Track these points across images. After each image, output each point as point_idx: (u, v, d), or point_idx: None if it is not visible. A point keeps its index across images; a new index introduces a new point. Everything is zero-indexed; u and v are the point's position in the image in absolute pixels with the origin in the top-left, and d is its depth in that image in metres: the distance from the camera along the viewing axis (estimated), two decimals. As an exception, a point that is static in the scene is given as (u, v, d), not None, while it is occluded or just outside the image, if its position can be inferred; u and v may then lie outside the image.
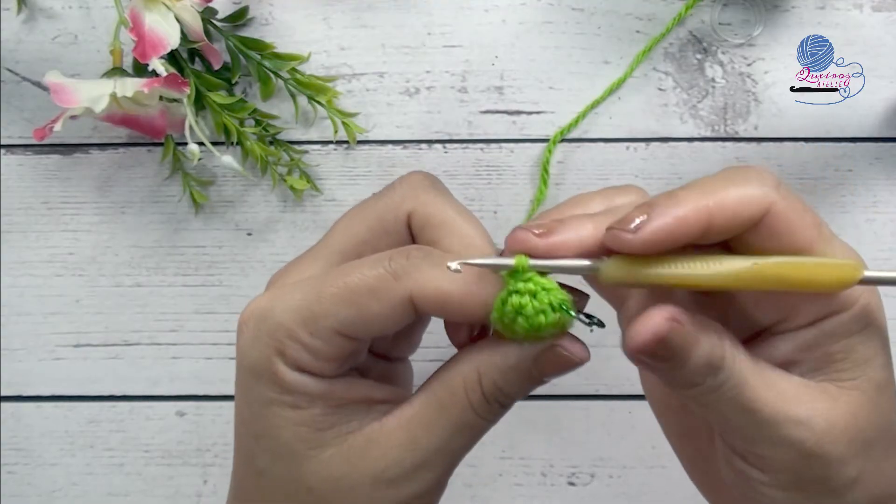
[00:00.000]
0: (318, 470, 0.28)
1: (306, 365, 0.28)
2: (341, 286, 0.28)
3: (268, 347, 0.29)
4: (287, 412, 0.29)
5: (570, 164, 0.47)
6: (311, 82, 0.46)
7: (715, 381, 0.27)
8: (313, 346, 0.28)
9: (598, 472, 0.46)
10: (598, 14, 0.48)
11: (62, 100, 0.40)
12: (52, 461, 0.47)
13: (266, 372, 0.29)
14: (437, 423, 0.28)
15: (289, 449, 0.29)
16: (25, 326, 0.47)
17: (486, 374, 0.28)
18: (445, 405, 0.28)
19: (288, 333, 0.28)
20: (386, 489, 0.28)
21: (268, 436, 0.29)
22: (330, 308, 0.28)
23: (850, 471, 0.27)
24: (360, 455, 0.28)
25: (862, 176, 0.47)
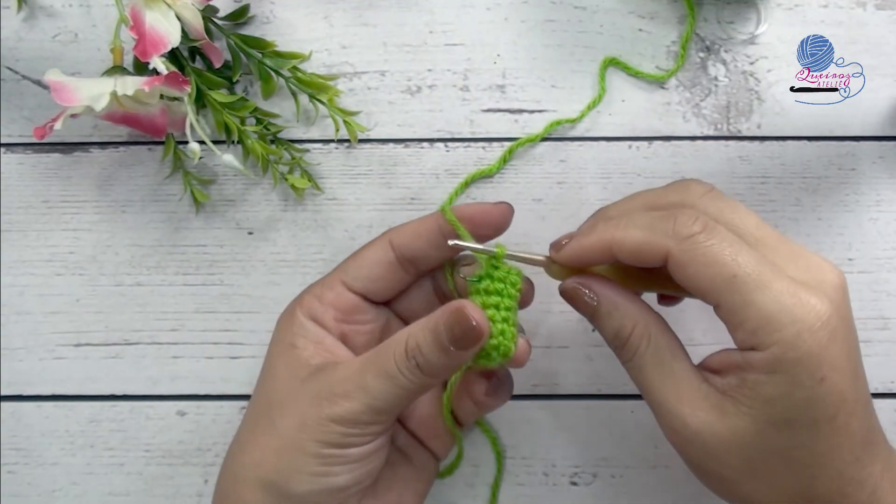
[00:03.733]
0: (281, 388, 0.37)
1: (315, 312, 0.38)
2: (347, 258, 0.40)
3: (294, 303, 0.40)
4: (286, 348, 0.38)
5: (572, 163, 0.47)
6: (312, 81, 0.46)
7: (623, 354, 0.35)
8: (320, 293, 0.39)
9: (601, 471, 0.46)
10: (600, 12, 0.48)
11: (62, 98, 0.40)
12: (52, 461, 0.47)
13: (287, 317, 0.39)
14: (366, 368, 0.35)
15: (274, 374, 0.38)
16: (25, 326, 0.47)
17: (411, 335, 0.35)
18: (378, 355, 0.35)
19: (309, 290, 0.40)
20: (315, 406, 0.35)
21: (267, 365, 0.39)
22: (338, 266, 0.40)
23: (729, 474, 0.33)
24: (312, 381, 0.36)
25: (865, 175, 0.47)
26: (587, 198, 0.47)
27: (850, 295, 0.45)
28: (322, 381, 0.35)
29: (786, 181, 0.47)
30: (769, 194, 0.47)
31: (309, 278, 0.47)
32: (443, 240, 0.38)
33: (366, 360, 0.35)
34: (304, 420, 0.35)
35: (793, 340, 0.30)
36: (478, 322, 0.34)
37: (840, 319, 0.31)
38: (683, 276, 0.32)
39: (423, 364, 0.34)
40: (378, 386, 0.34)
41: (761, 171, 0.47)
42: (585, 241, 0.35)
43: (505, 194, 0.47)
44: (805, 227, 0.46)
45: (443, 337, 0.34)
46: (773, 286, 0.31)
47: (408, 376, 0.34)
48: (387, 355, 0.35)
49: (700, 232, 0.32)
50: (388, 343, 0.35)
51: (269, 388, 0.38)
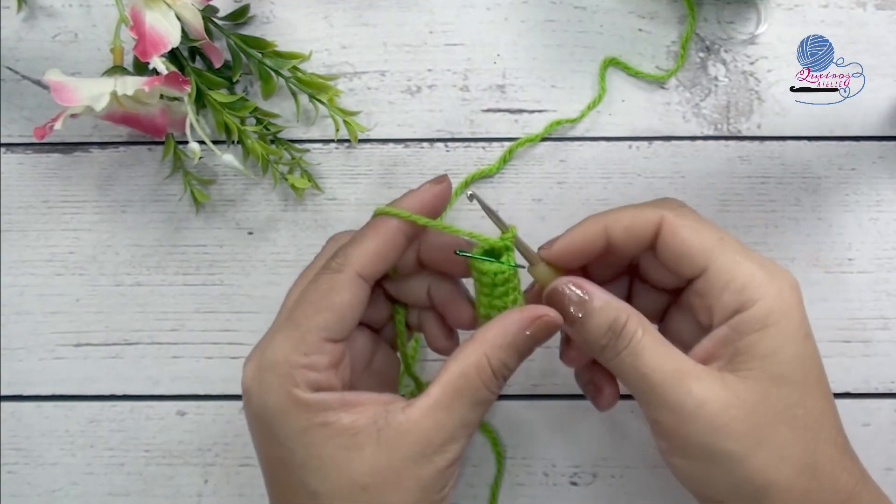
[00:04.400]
0: (364, 468, 0.33)
1: (316, 382, 0.33)
2: (306, 303, 0.34)
3: (280, 387, 0.33)
4: (322, 431, 0.33)
5: (572, 163, 0.47)
6: (312, 81, 0.46)
7: (617, 345, 0.34)
8: (313, 363, 0.33)
9: (601, 471, 0.46)
10: (600, 12, 0.48)
11: (62, 98, 0.40)
12: (52, 461, 0.47)
13: (290, 406, 0.33)
14: (456, 405, 0.33)
15: (334, 460, 0.33)
16: (26, 326, 0.47)
17: (492, 356, 0.34)
18: (461, 388, 0.33)
19: (289, 364, 0.33)
20: (426, 465, 0.33)
21: (312, 457, 0.33)
22: (308, 324, 0.34)
23: (737, 448, 0.32)
24: (397, 444, 0.33)
25: (865, 175, 0.47)
26: (587, 198, 0.47)
27: (850, 295, 0.46)
28: (411, 440, 0.33)
29: (786, 181, 0.47)
30: (769, 194, 0.47)
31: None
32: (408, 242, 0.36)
33: (449, 398, 0.33)
34: (421, 484, 0.33)
35: (778, 294, 0.33)
36: (557, 321, 0.35)
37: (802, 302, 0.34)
38: (674, 240, 0.34)
39: (508, 375, 0.35)
40: (476, 415, 0.34)
41: (761, 171, 0.47)
42: (577, 232, 0.36)
43: (505, 194, 0.47)
44: (805, 227, 0.46)
45: (527, 348, 0.34)
46: (751, 255, 0.34)
47: (497, 392, 0.35)
48: (475, 385, 0.33)
49: (677, 210, 0.35)
50: (464, 374, 0.33)
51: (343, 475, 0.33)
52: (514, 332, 0.34)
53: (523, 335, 0.34)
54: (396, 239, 0.36)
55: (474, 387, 0.33)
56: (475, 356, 0.34)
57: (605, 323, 0.35)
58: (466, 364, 0.34)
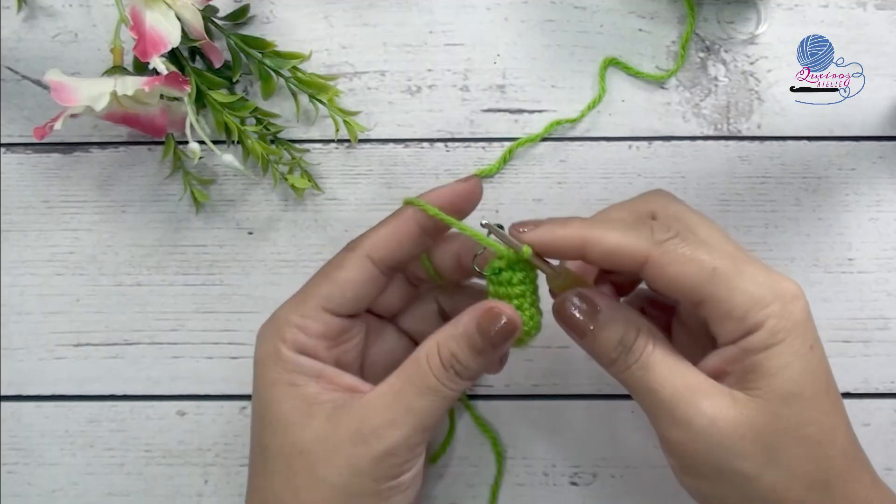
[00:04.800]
0: (308, 435, 0.34)
1: (302, 345, 0.35)
2: (317, 274, 0.37)
3: (271, 339, 0.36)
4: (287, 389, 0.35)
5: (572, 163, 0.47)
6: (312, 81, 0.46)
7: (627, 359, 0.34)
8: (304, 325, 0.35)
9: (601, 471, 0.46)
10: (600, 12, 0.48)
11: (62, 98, 0.40)
12: (52, 461, 0.47)
13: (271, 358, 0.35)
14: (404, 390, 0.34)
15: (285, 420, 0.34)
16: (26, 326, 0.47)
17: (442, 345, 0.34)
18: (411, 374, 0.34)
19: (286, 321, 0.36)
20: (361, 445, 0.33)
21: (270, 411, 0.35)
22: (312, 290, 0.36)
23: (748, 467, 0.32)
24: (341, 420, 0.34)
25: (865, 175, 0.47)
26: (587, 198, 0.47)
27: (850, 295, 0.46)
28: (356, 418, 0.34)
29: (786, 181, 0.47)
30: (769, 194, 0.47)
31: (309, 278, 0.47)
32: (422, 235, 0.36)
33: (400, 383, 0.34)
34: (353, 463, 0.33)
35: (781, 312, 0.32)
36: (509, 317, 0.34)
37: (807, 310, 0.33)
38: (664, 277, 0.33)
39: (461, 371, 0.34)
40: (423, 404, 0.34)
41: (761, 171, 0.47)
42: (560, 231, 0.34)
43: (505, 194, 0.47)
44: (805, 227, 0.46)
45: (477, 340, 0.34)
46: (748, 271, 0.33)
47: (449, 386, 0.34)
48: (423, 371, 0.34)
49: (675, 236, 0.33)
50: (416, 359, 0.34)
51: (289, 435, 0.34)
52: (464, 322, 0.34)
53: (473, 327, 0.34)
54: (410, 227, 0.36)
55: (422, 373, 0.34)
56: (428, 345, 0.34)
57: (614, 337, 0.34)
58: (419, 351, 0.34)
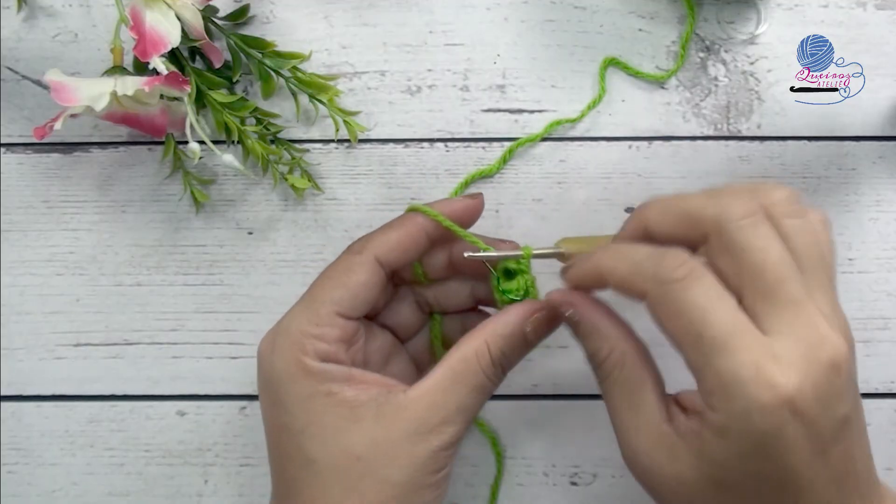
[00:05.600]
0: (361, 439, 0.34)
1: (325, 353, 0.35)
2: (323, 279, 0.36)
3: (291, 353, 0.35)
4: (325, 399, 0.34)
5: (572, 163, 0.47)
6: (312, 81, 0.46)
7: (596, 375, 0.35)
8: (323, 334, 0.35)
9: (601, 471, 0.46)
10: (600, 12, 0.48)
11: (62, 98, 0.40)
12: (52, 461, 0.47)
13: (297, 372, 0.35)
14: (454, 388, 0.34)
15: (333, 428, 0.34)
16: (25, 326, 0.47)
17: (492, 343, 0.35)
18: (460, 372, 0.35)
19: (302, 334, 0.35)
20: (421, 443, 0.34)
21: (313, 424, 0.34)
22: (323, 297, 0.36)
23: None
24: (394, 420, 0.34)
25: (865, 175, 0.47)
26: (587, 198, 0.47)
27: (850, 295, 0.46)
28: (409, 417, 0.34)
29: (786, 181, 0.47)
30: (769, 194, 0.47)
31: (309, 278, 0.46)
32: (428, 244, 0.38)
33: (449, 381, 0.35)
34: (413, 461, 0.34)
35: (741, 414, 0.29)
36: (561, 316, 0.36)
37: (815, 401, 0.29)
38: (655, 319, 0.32)
39: (507, 366, 0.36)
40: (475, 401, 0.35)
41: (761, 171, 0.47)
42: (584, 266, 0.35)
43: (505, 194, 0.47)
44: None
45: (530, 339, 0.36)
46: (737, 355, 0.29)
47: (496, 382, 0.36)
48: (473, 370, 0.35)
49: (680, 279, 0.30)
50: (465, 358, 0.35)
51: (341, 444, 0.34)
52: (515, 321, 0.35)
53: (523, 326, 0.36)
54: (418, 234, 0.37)
55: (473, 371, 0.35)
56: (476, 342, 0.35)
57: (588, 349, 0.35)
58: (468, 349, 0.35)
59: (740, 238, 0.31)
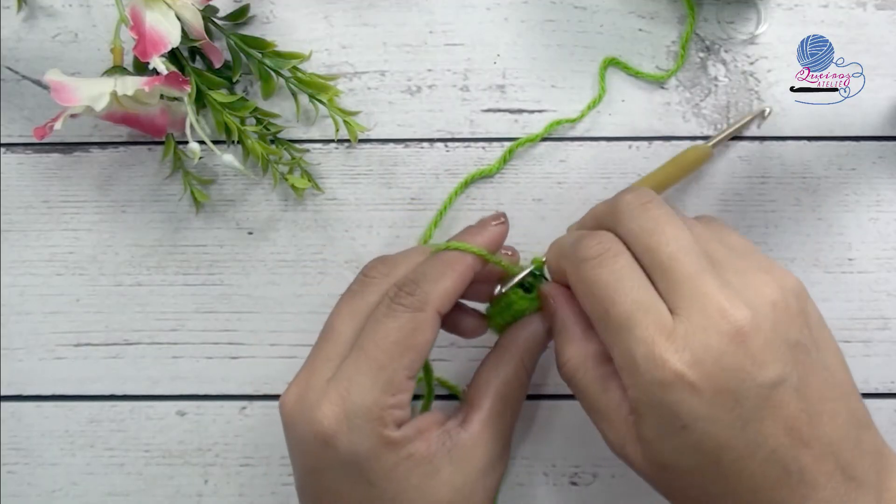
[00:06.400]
0: (443, 487, 0.34)
1: (402, 419, 0.34)
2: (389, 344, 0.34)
3: (372, 431, 0.33)
4: (407, 464, 0.34)
5: (571, 163, 0.47)
6: (312, 81, 0.46)
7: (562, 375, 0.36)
8: (400, 402, 0.34)
9: (601, 471, 0.46)
10: (600, 12, 0.48)
11: (62, 98, 0.40)
12: (52, 461, 0.47)
13: (381, 447, 0.34)
14: (506, 413, 0.36)
15: (421, 489, 0.34)
16: (25, 326, 0.47)
17: (528, 361, 0.37)
18: (507, 396, 0.36)
19: (380, 407, 0.33)
20: (492, 474, 0.36)
21: (402, 490, 0.34)
22: (395, 364, 0.34)
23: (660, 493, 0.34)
24: (467, 460, 0.35)
25: (865, 175, 0.47)
26: (587, 198, 0.47)
27: (850, 295, 0.46)
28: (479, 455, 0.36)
29: (786, 181, 0.47)
30: (769, 194, 0.47)
31: (309, 278, 0.47)
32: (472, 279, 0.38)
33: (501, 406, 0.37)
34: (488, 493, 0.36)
35: (646, 391, 0.30)
36: None
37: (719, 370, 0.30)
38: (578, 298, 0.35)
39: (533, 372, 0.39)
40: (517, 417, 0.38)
41: (761, 171, 0.47)
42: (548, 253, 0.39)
43: (505, 194, 0.47)
44: (805, 227, 0.46)
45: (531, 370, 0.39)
46: (635, 332, 0.31)
47: None
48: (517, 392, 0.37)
49: (593, 258, 0.33)
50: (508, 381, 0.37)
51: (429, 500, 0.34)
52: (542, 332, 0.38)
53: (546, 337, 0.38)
54: (469, 276, 0.37)
55: (517, 394, 0.37)
56: (513, 363, 0.37)
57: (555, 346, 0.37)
58: (507, 372, 0.37)
59: (632, 226, 0.33)
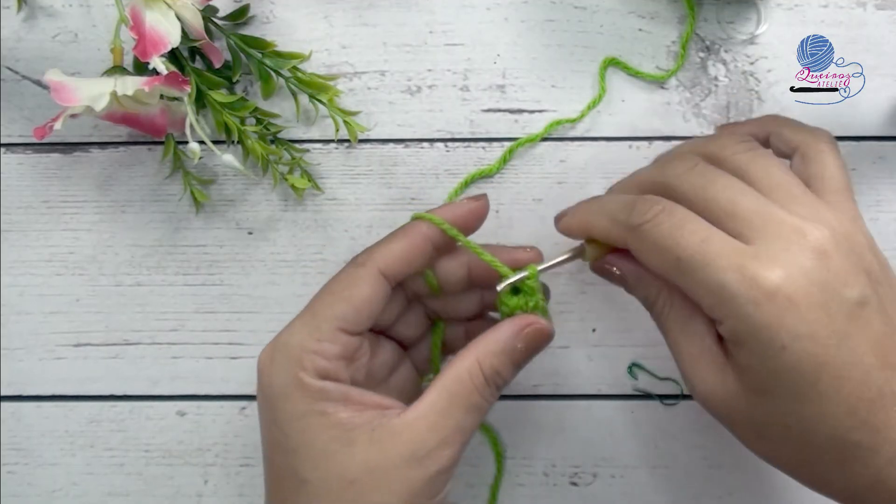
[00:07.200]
0: (354, 463, 0.33)
1: (324, 370, 0.34)
2: (325, 292, 0.35)
3: (289, 368, 0.34)
4: (319, 419, 0.33)
5: (571, 163, 0.47)
6: (312, 81, 0.46)
7: (652, 315, 0.36)
8: (324, 350, 0.34)
9: (601, 472, 0.46)
10: (600, 12, 0.48)
11: (62, 98, 0.40)
12: (52, 461, 0.47)
13: (293, 389, 0.34)
14: (450, 409, 0.34)
15: (326, 451, 0.33)
16: (25, 326, 0.47)
17: (483, 361, 0.34)
18: (456, 392, 0.34)
19: (301, 349, 0.34)
20: (416, 468, 0.33)
21: (305, 445, 0.33)
22: (325, 312, 0.35)
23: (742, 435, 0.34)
24: (390, 444, 0.33)
25: (865, 175, 0.47)
26: (587, 197, 0.47)
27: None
28: (405, 440, 0.33)
29: (786, 181, 0.47)
30: (769, 194, 0.47)
31: (309, 278, 0.47)
32: (433, 253, 0.37)
33: (444, 400, 0.34)
34: (411, 486, 0.33)
35: (741, 314, 0.31)
36: (548, 330, 0.36)
37: (810, 284, 0.30)
38: (642, 261, 0.35)
39: (501, 384, 0.35)
40: (470, 421, 0.34)
41: (761, 171, 0.47)
42: (572, 220, 0.38)
43: (505, 194, 0.47)
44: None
45: (519, 355, 0.35)
46: (718, 262, 0.31)
47: (490, 400, 0.35)
48: (467, 389, 0.34)
49: (651, 219, 0.33)
50: (459, 377, 0.34)
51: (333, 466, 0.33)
52: (505, 339, 0.35)
53: (514, 343, 0.35)
54: (423, 244, 0.36)
55: (467, 391, 0.34)
56: (469, 361, 0.34)
57: (640, 296, 0.37)
58: (461, 369, 0.34)
59: (685, 187, 0.34)
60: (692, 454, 0.46)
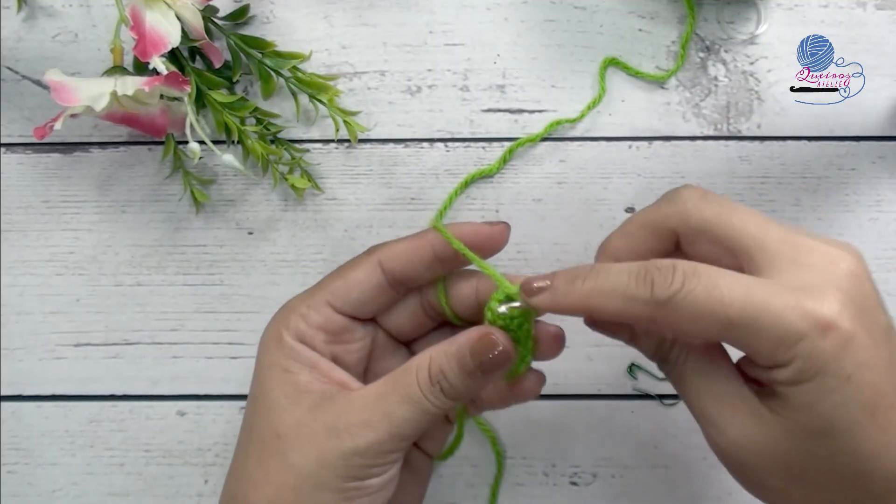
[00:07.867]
0: (288, 420, 0.34)
1: (302, 333, 0.36)
2: (333, 272, 0.38)
3: (278, 324, 0.37)
4: (280, 373, 0.35)
5: (571, 163, 0.47)
6: (312, 81, 0.46)
7: (664, 367, 0.35)
8: (307, 315, 0.36)
9: (601, 471, 0.46)
10: (600, 12, 0.48)
11: (62, 98, 0.40)
12: (52, 461, 0.47)
13: (272, 341, 0.36)
14: (387, 394, 0.34)
15: (272, 403, 0.35)
16: (25, 326, 0.47)
17: (434, 359, 0.34)
18: (398, 381, 0.34)
19: (290, 310, 0.37)
20: (334, 439, 0.33)
21: (261, 394, 0.36)
22: (323, 284, 0.37)
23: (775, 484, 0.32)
24: (322, 411, 0.34)
25: (865, 175, 0.47)
26: (587, 198, 0.47)
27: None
28: (336, 412, 0.34)
29: (786, 181, 0.47)
30: (769, 194, 0.47)
31: (309, 278, 0.47)
32: (436, 261, 0.37)
33: (385, 387, 0.34)
34: (322, 455, 0.33)
35: (809, 353, 0.29)
36: (504, 347, 0.34)
37: (857, 310, 0.30)
38: (678, 333, 0.33)
39: (447, 389, 0.34)
40: (402, 412, 0.34)
41: (761, 171, 0.47)
42: (563, 300, 0.34)
43: (505, 194, 0.47)
44: (805, 227, 0.46)
45: (468, 362, 0.34)
46: (773, 306, 0.30)
47: (432, 401, 0.34)
48: (409, 380, 0.34)
49: (680, 289, 0.31)
50: (408, 368, 0.34)
51: (272, 418, 0.35)
52: (458, 342, 0.34)
53: (466, 349, 0.34)
54: (425, 249, 0.37)
55: (408, 383, 0.34)
56: (422, 357, 0.35)
57: (651, 346, 0.35)
58: (412, 362, 0.35)
59: (706, 214, 0.33)
60: (692, 454, 0.46)
